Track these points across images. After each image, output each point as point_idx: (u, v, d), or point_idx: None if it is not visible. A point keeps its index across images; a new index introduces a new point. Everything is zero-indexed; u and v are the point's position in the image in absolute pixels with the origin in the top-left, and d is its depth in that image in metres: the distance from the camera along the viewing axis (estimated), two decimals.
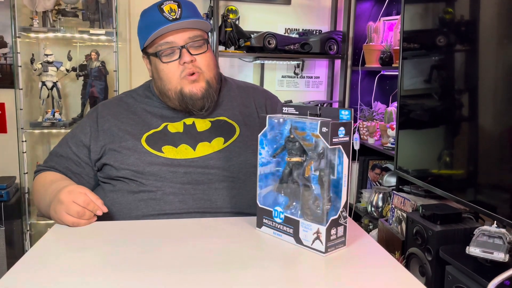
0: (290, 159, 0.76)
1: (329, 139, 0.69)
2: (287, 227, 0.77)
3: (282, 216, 0.77)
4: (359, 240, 0.81)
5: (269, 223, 0.80)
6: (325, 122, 0.70)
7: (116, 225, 0.88)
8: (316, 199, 0.72)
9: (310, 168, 0.73)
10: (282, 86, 2.63)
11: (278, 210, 0.78)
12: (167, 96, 1.00)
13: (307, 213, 0.74)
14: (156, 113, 1.03)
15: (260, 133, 0.80)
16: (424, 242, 1.46)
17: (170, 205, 0.94)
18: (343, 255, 0.75)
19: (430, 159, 1.63)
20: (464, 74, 1.45)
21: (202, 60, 0.98)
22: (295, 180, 0.75)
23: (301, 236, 0.75)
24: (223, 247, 0.76)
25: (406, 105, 1.81)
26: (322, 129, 0.70)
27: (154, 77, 1.02)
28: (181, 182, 0.95)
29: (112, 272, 0.67)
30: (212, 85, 1.00)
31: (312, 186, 0.73)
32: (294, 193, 0.76)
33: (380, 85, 2.54)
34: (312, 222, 0.73)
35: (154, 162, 0.96)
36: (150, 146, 0.97)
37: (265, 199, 0.80)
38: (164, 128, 1.00)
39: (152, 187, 0.95)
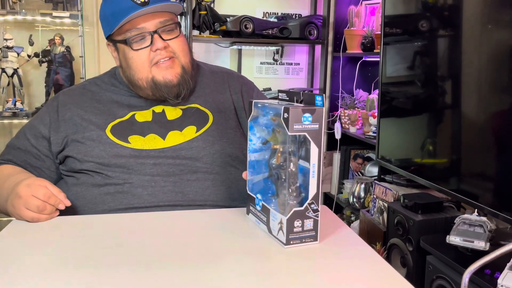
0: (273, 146, 0.76)
1: (290, 125, 0.68)
2: (263, 215, 0.78)
3: (260, 204, 0.79)
4: (337, 232, 0.83)
5: (253, 210, 0.81)
6: (287, 108, 0.69)
7: (79, 219, 0.87)
8: (285, 188, 0.74)
9: (281, 155, 0.73)
10: (260, 73, 2.62)
11: (258, 198, 0.79)
12: (137, 86, 0.98)
13: (279, 202, 0.75)
14: (122, 102, 1.01)
15: (248, 118, 0.80)
16: (405, 232, 1.49)
17: (139, 198, 0.93)
18: (315, 248, 0.75)
19: (413, 148, 1.65)
20: (448, 61, 1.47)
21: (176, 45, 0.96)
22: (273, 168, 0.76)
23: (271, 226, 0.76)
24: (194, 240, 0.76)
25: (388, 93, 1.82)
26: (284, 115, 0.69)
27: (123, 65, 1.00)
28: (150, 174, 0.94)
29: (75, 270, 0.66)
30: (188, 70, 0.98)
31: (282, 175, 0.73)
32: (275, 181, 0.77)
33: (362, 72, 2.56)
34: (277, 212, 0.74)
35: (120, 154, 0.94)
36: (115, 136, 0.96)
37: (254, 186, 0.81)
38: (131, 117, 0.99)
39: (118, 180, 0.93)
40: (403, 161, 1.73)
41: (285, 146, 0.72)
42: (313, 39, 2.41)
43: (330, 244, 0.77)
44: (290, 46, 2.62)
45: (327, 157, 2.64)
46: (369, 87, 2.55)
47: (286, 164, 0.71)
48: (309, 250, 0.74)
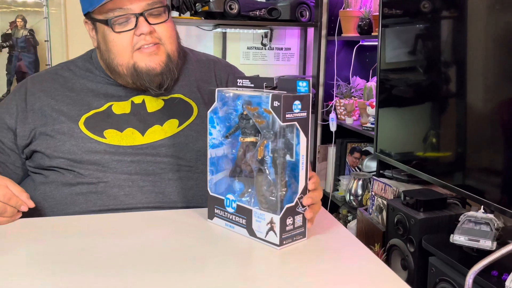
0: (243, 140, 0.76)
1: (282, 114, 0.69)
2: (239, 218, 0.78)
3: (234, 205, 0.78)
4: (333, 233, 0.83)
5: (221, 213, 0.80)
6: (277, 95, 0.69)
7: (45, 221, 0.86)
8: (271, 185, 0.73)
9: (264, 149, 0.73)
10: (247, 59, 2.62)
11: (230, 199, 0.78)
12: (116, 72, 0.96)
13: (261, 201, 0.75)
14: (99, 91, 0.99)
15: (209, 109, 0.79)
16: (406, 232, 1.51)
17: (115, 199, 0.92)
18: (305, 247, 0.75)
19: (415, 141, 1.67)
20: (452, 44, 1.48)
21: (163, 30, 0.95)
22: (249, 164, 0.76)
23: (254, 227, 0.76)
24: (169, 243, 0.76)
25: (387, 80, 1.83)
26: (274, 103, 0.69)
27: (101, 48, 0.98)
28: (127, 173, 0.93)
29: (39, 276, 0.65)
30: (173, 59, 0.97)
31: (266, 170, 0.73)
32: (248, 178, 0.77)
33: (359, 58, 2.57)
34: (265, 211, 0.74)
35: (95, 149, 0.93)
36: (89, 130, 0.95)
37: (217, 186, 0.81)
38: (107, 109, 0.98)
39: (92, 179, 0.93)
40: (403, 155, 1.74)
41: (269, 137, 0.73)
42: (305, 21, 2.42)
43: (325, 246, 0.77)
44: (280, 29, 2.61)
45: (321, 151, 2.65)
46: (366, 74, 2.56)
47: (270, 158, 0.71)
48: (303, 253, 0.74)
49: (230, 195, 0.78)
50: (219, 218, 0.80)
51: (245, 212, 0.77)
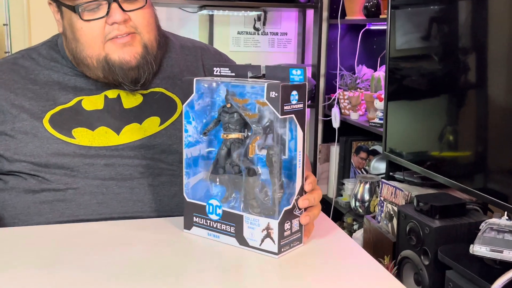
0: (227, 136, 0.77)
1: (280, 106, 0.70)
2: (226, 225, 0.78)
3: (219, 211, 0.79)
4: (336, 244, 0.83)
5: (201, 222, 0.81)
6: (274, 85, 0.70)
7: (3, 233, 0.85)
8: (264, 187, 0.74)
9: (256, 146, 0.74)
10: (238, 45, 2.62)
11: (213, 204, 0.79)
12: (84, 64, 0.96)
13: (252, 205, 0.76)
14: (66, 83, 0.99)
15: (185, 103, 0.80)
16: (419, 242, 1.52)
17: (86, 208, 0.92)
18: (305, 260, 0.75)
19: (429, 138, 1.68)
20: (472, 28, 1.49)
21: (139, 18, 0.94)
22: (235, 164, 0.76)
23: (246, 235, 0.76)
24: (145, 256, 0.76)
25: (398, 69, 1.84)
26: (271, 94, 0.71)
27: (68, 36, 0.97)
28: (100, 178, 0.93)
29: None
30: (151, 50, 0.96)
31: (259, 169, 0.74)
32: (234, 180, 0.77)
33: (366, 44, 2.58)
34: (260, 216, 0.75)
35: (62, 151, 0.93)
36: (55, 128, 0.94)
37: (194, 191, 0.81)
38: (76, 104, 0.97)
39: (59, 185, 0.92)
40: (416, 155, 1.75)
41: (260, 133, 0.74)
42: (303, 2, 2.42)
43: (328, 258, 0.76)
44: (275, 11, 2.61)
45: (323, 151, 2.66)
46: (374, 63, 2.57)
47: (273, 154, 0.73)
48: (303, 266, 0.73)
49: (213, 200, 0.79)
50: (200, 228, 0.81)
51: (233, 218, 0.77)
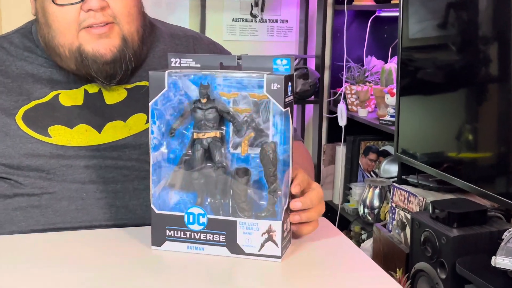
0: (203, 135, 0.78)
1: (283, 99, 0.75)
2: (214, 235, 0.79)
3: (203, 220, 0.79)
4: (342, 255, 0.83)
5: (178, 235, 0.80)
6: (276, 77, 0.75)
7: None
8: (259, 187, 0.77)
9: (247, 144, 0.77)
10: (233, 33, 2.61)
11: (195, 213, 0.79)
12: (56, 54, 0.95)
13: (244, 208, 0.77)
14: (41, 76, 0.99)
15: (151, 100, 0.79)
16: (436, 253, 1.51)
17: (63, 215, 0.92)
18: (309, 273, 0.76)
19: (446, 138, 1.67)
20: (494, 14, 1.48)
21: (119, 5, 0.94)
22: (221, 165, 0.78)
23: (241, 242, 0.78)
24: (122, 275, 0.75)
25: (411, 61, 1.83)
26: (273, 86, 0.74)
27: (40, 20, 0.96)
28: (80, 181, 0.93)
29: None
30: (131, 44, 0.96)
31: (251, 169, 0.77)
32: (207, 184, 0.78)
33: (375, 32, 2.58)
34: (258, 219, 0.77)
35: (37, 152, 0.93)
36: (29, 126, 0.94)
37: (162, 200, 0.81)
38: (53, 99, 0.97)
39: (34, 189, 0.92)
40: (432, 156, 1.74)
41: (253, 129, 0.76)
42: None
43: (335, 270, 0.77)
44: None
45: (328, 151, 2.65)
46: (385, 54, 2.56)
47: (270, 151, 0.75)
48: (308, 278, 0.74)
49: (195, 209, 0.79)
50: (176, 242, 0.80)
51: (223, 225, 0.78)
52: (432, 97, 1.77)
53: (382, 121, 2.18)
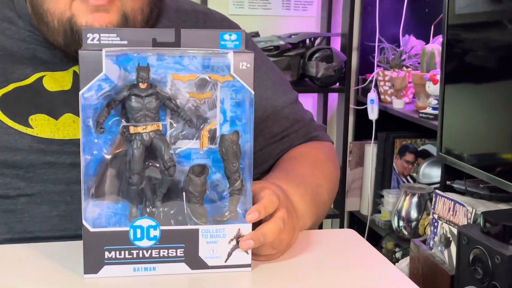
0: (144, 129, 0.77)
1: (253, 80, 0.78)
2: (169, 249, 0.79)
3: (155, 233, 0.79)
4: (374, 274, 0.83)
5: (121, 256, 0.79)
6: (246, 54, 0.78)
7: None
8: (218, 185, 0.78)
9: (208, 136, 0.78)
10: (240, 6, 2.62)
11: (143, 226, 0.78)
12: (44, 22, 0.96)
13: (200, 213, 0.78)
14: (22, 54, 1.00)
15: (82, 88, 0.77)
16: (487, 275, 1.51)
17: (43, 222, 0.93)
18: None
19: (501, 136, 1.67)
20: None
21: None
22: (171, 164, 0.78)
23: (204, 254, 0.79)
24: None
25: (459, 41, 1.83)
26: (241, 65, 0.77)
27: None
28: (64, 182, 0.94)
29: None
30: (132, 22, 0.96)
31: (211, 167, 0.78)
32: (149, 188, 0.78)
33: (415, 7, 2.58)
34: (224, 224, 0.78)
35: (14, 145, 0.94)
36: (6, 114, 0.96)
37: (98, 215, 0.79)
38: (36, 82, 0.98)
39: (8, 190, 0.93)
40: (483, 158, 1.74)
41: (214, 117, 0.78)
42: None
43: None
44: None
45: (355, 151, 2.65)
46: (426, 32, 2.56)
47: (232, 143, 0.78)
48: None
49: (143, 220, 0.78)
50: (118, 265, 0.79)
51: (181, 237, 0.78)
52: (484, 86, 1.76)
53: (422, 115, 2.18)
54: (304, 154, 1.07)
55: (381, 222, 2.46)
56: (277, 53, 2.38)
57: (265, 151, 1.08)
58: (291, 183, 0.94)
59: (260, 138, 1.06)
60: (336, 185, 1.09)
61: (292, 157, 1.07)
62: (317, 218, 0.98)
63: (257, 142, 1.07)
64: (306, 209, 0.93)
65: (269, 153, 1.08)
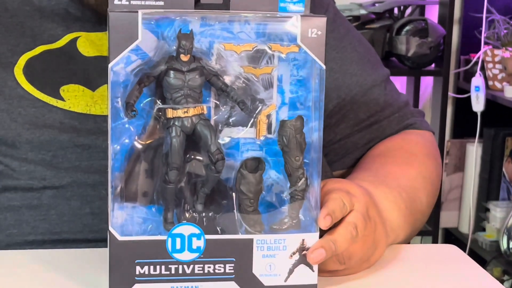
0: (185, 113, 0.76)
1: (324, 52, 0.76)
2: (216, 264, 0.78)
3: (199, 243, 0.78)
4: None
5: (156, 271, 0.79)
6: (315, 18, 0.75)
7: None
8: (276, 184, 0.77)
9: (266, 121, 0.77)
10: None
11: (185, 234, 0.78)
12: None
13: (253, 219, 0.77)
14: (52, 9, 1.02)
15: (112, 60, 0.76)
16: None
17: (73, 221, 0.95)
18: None
19: None
20: None
21: None
22: (220, 156, 0.76)
23: (258, 271, 0.77)
24: None
25: None
26: (310, 33, 0.75)
27: None
28: (100, 170, 0.95)
29: None
30: None
31: (269, 161, 0.77)
32: (191, 187, 0.78)
33: None
34: (282, 233, 0.77)
35: (43, 120, 0.97)
36: (33, 83, 0.98)
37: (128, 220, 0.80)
38: (68, 45, 1.01)
39: (33, 180, 0.96)
40: None
41: (272, 100, 0.76)
42: None
43: None
44: None
45: (454, 151, 2.63)
46: None
47: (295, 131, 0.76)
48: None
49: (184, 227, 0.78)
50: (153, 283, 0.80)
51: (230, 249, 0.78)
52: None
53: None
54: (397, 147, 1.06)
55: (485, 242, 2.44)
56: (357, 24, 2.38)
57: (348, 141, 1.08)
58: (381, 187, 0.93)
59: (342, 125, 1.07)
60: (437, 188, 1.07)
61: (383, 152, 1.07)
62: (412, 230, 0.97)
63: (339, 129, 1.07)
64: (400, 219, 0.92)
65: (353, 143, 1.08)
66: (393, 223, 0.89)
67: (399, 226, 0.91)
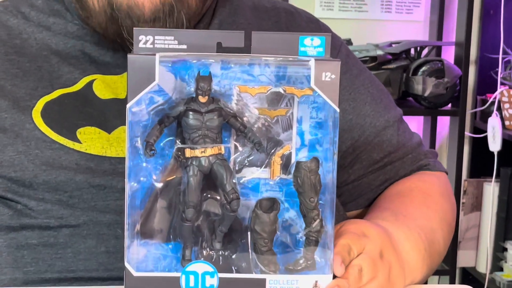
0: (203, 152, 0.76)
1: (338, 95, 0.75)
2: None
3: (213, 281, 0.77)
4: None
5: None
6: (330, 62, 0.74)
7: None
8: (291, 224, 0.76)
9: (281, 162, 0.76)
10: (330, 8, 2.66)
11: (199, 272, 0.78)
12: (85, 7, 1.00)
13: (267, 259, 0.77)
14: (70, 51, 1.04)
15: (130, 101, 0.76)
16: None
17: (88, 260, 0.95)
18: None
19: None
20: None
21: None
22: (236, 196, 0.76)
23: None
24: None
25: None
26: (324, 77, 0.75)
27: None
28: (116, 211, 0.96)
29: None
30: (187, 2, 0.99)
31: (284, 202, 0.76)
32: (206, 226, 0.77)
33: None
34: (292, 274, 0.76)
35: (59, 162, 0.97)
36: (51, 126, 0.98)
37: (144, 256, 0.79)
38: (85, 88, 1.01)
39: (49, 219, 0.96)
40: None
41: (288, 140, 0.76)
42: None
43: None
44: None
45: (471, 190, 2.62)
46: None
47: (310, 172, 0.76)
48: None
49: (198, 265, 0.78)
50: None
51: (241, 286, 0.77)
52: None
53: None
54: (414, 188, 1.05)
55: (503, 282, 2.42)
56: (374, 65, 2.37)
57: (362, 181, 1.08)
58: (401, 227, 0.92)
59: (356, 166, 1.06)
60: (452, 228, 1.06)
61: (400, 192, 1.06)
62: (429, 271, 0.96)
63: (353, 170, 1.06)
64: (418, 261, 0.91)
65: (367, 184, 1.08)
66: (411, 264, 0.88)
67: (418, 268, 0.90)
